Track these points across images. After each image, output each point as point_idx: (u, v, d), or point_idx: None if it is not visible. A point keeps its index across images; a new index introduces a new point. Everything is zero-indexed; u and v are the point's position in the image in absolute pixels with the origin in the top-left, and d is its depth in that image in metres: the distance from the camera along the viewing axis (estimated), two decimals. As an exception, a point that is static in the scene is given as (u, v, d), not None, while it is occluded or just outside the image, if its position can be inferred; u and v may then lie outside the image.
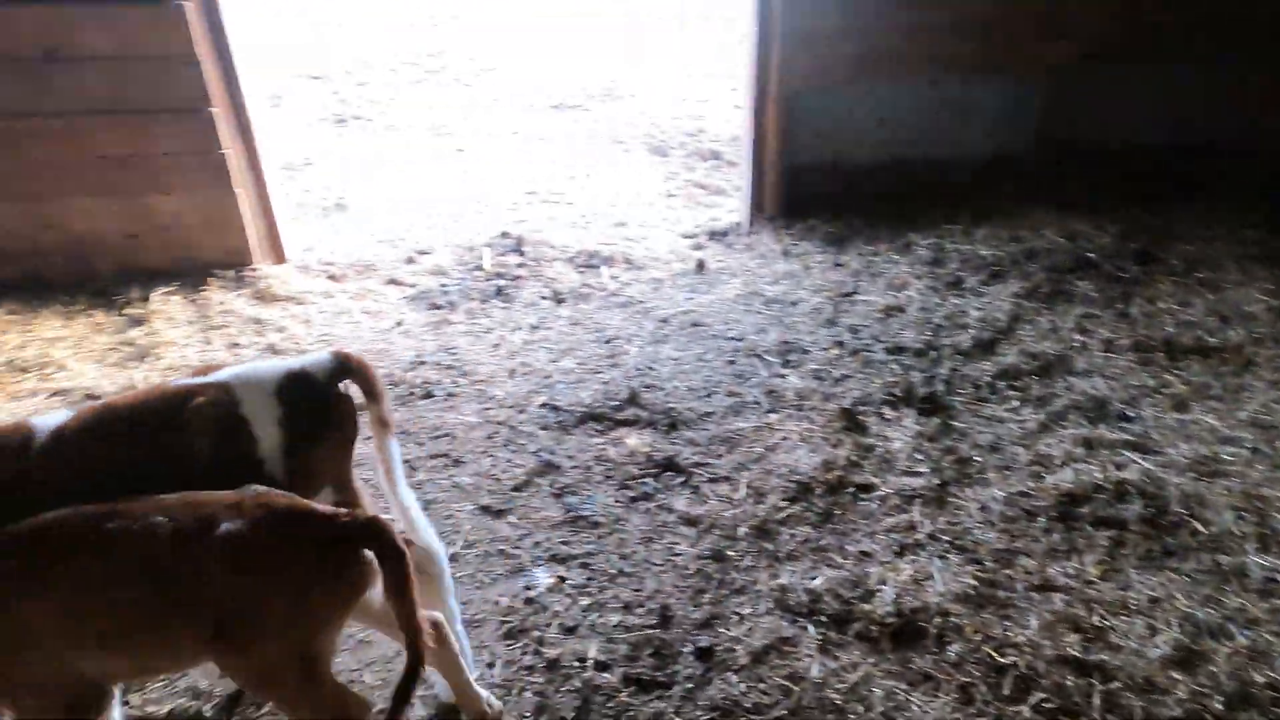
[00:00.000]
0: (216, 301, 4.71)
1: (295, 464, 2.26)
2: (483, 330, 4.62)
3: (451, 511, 3.40)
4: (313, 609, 1.97)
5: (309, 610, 1.97)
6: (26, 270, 4.82)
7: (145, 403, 2.21)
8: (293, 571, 1.94)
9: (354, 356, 2.46)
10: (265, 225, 5.05)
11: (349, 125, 7.67)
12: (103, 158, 4.66)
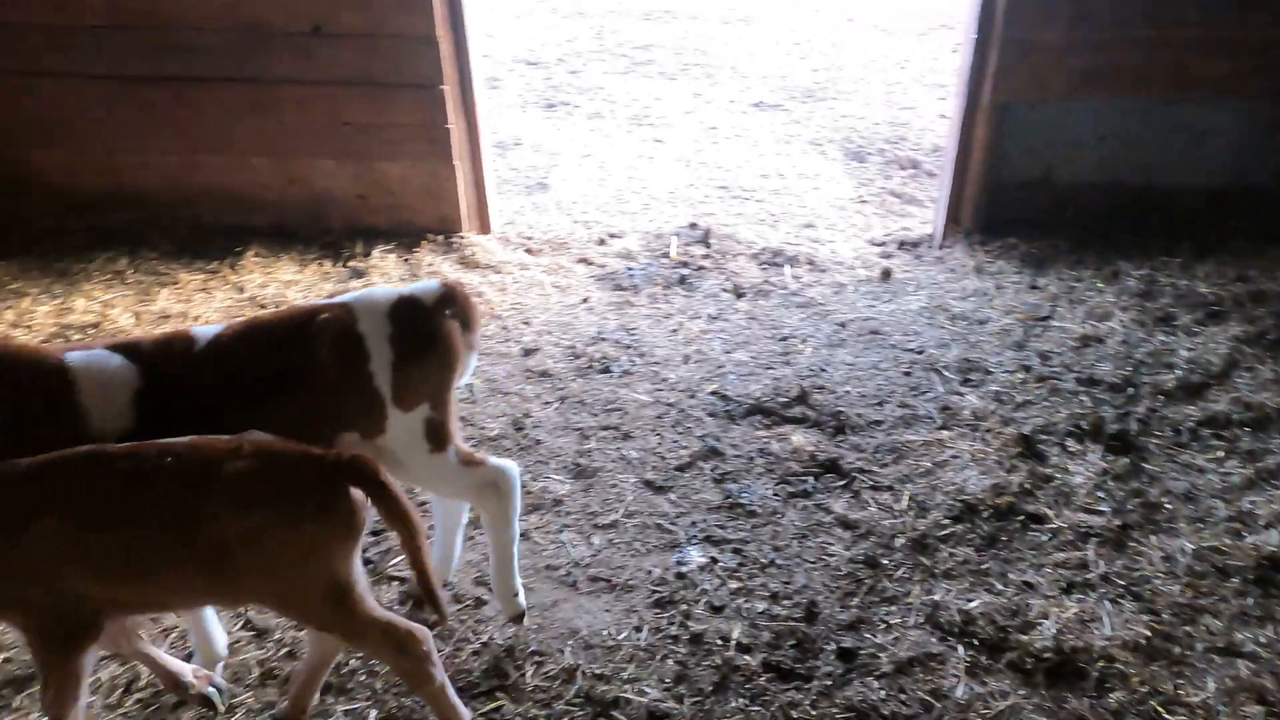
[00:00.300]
0: (426, 262, 5.14)
1: (399, 378, 2.51)
2: (663, 315, 4.78)
3: (617, 481, 3.57)
4: (315, 543, 2.11)
5: (312, 544, 2.11)
6: (273, 219, 5.46)
7: (284, 317, 2.54)
8: (291, 508, 2.07)
9: (458, 289, 2.70)
10: (475, 197, 5.44)
11: (557, 110, 8.07)
12: (346, 124, 5.18)
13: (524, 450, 3.75)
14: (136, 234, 5.34)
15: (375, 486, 2.12)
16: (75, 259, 5.12)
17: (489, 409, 4.01)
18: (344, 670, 2.76)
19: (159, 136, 5.26)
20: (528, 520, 3.37)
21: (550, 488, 3.53)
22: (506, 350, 4.45)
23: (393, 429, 2.54)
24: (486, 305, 4.79)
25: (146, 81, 5.10)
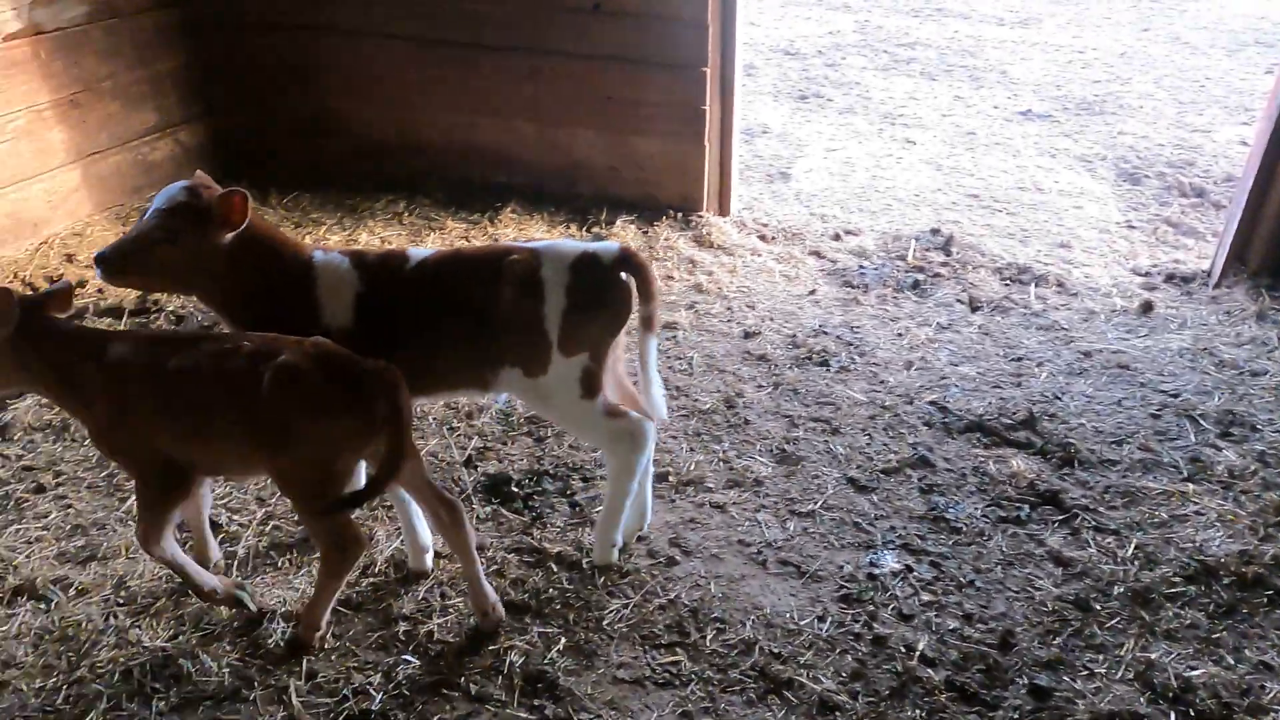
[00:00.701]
0: (663, 237, 5.34)
1: (567, 325, 2.67)
2: (890, 318, 4.67)
3: (820, 473, 3.57)
4: (332, 432, 2.46)
5: (329, 433, 2.46)
6: (532, 180, 5.88)
7: (481, 253, 2.82)
8: (323, 398, 2.42)
9: (637, 255, 2.77)
10: (719, 179, 5.57)
11: (809, 102, 8.02)
12: (609, 99, 5.47)
13: (732, 428, 3.84)
14: (415, 181, 5.94)
15: (393, 397, 2.42)
16: (363, 198, 5.80)
17: (704, 383, 4.13)
18: (542, 596, 2.99)
19: (444, 95, 5.82)
20: (726, 494, 3.47)
21: (753, 468, 3.59)
22: (728, 330, 4.55)
23: (553, 371, 2.73)
24: (714, 284, 4.91)
25: (441, 45, 5.65)
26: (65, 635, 2.83)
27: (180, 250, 2.62)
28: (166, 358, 2.54)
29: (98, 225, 5.35)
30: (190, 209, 2.62)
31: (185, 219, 2.61)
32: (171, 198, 2.64)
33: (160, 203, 2.65)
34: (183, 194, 2.64)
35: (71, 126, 5.21)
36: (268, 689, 2.67)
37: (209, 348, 2.53)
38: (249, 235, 2.69)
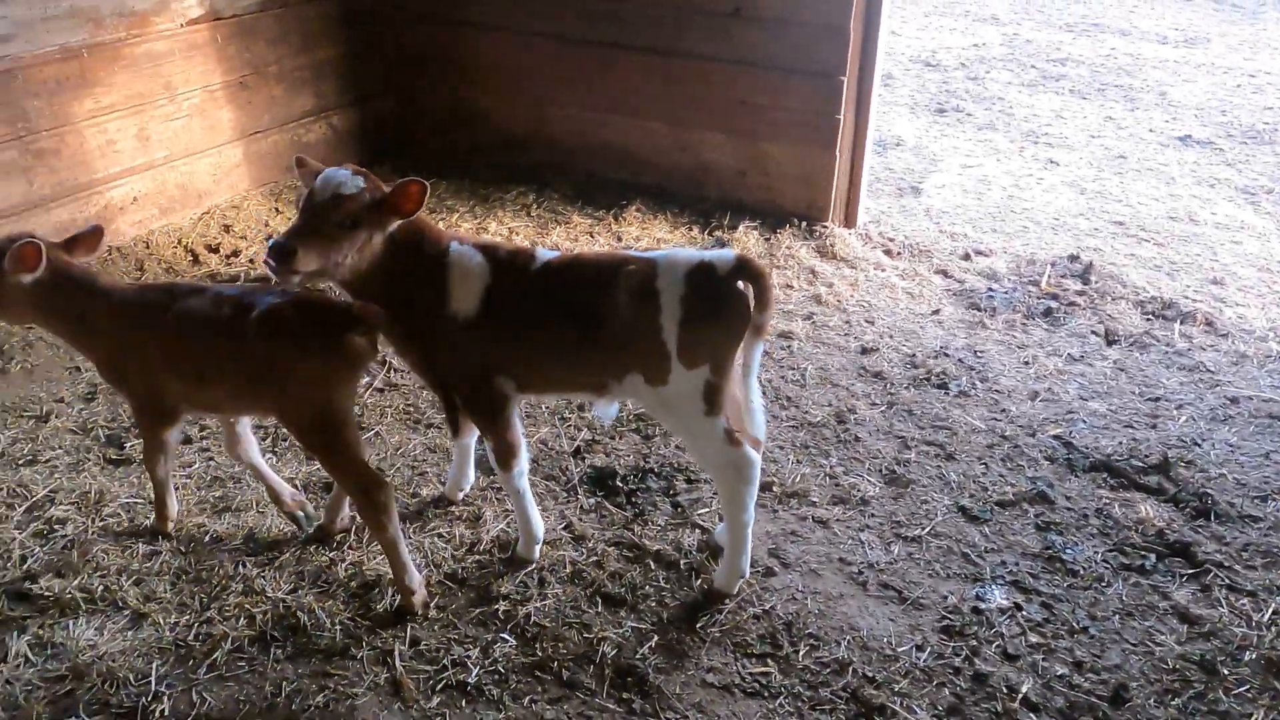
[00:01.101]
0: (784, 245, 5.29)
1: (685, 336, 2.66)
2: (1017, 345, 4.49)
3: (930, 498, 3.47)
4: (318, 371, 2.66)
5: (317, 372, 2.66)
6: (658, 180, 5.94)
7: (601, 259, 2.83)
8: (305, 340, 2.64)
9: (754, 262, 2.71)
10: (847, 190, 5.48)
11: (947, 116, 7.78)
12: (742, 103, 5.47)
13: (842, 443, 3.78)
14: (545, 175, 6.10)
15: (372, 334, 2.68)
16: (495, 188, 5.99)
17: (816, 396, 4.08)
18: (638, 591, 3.03)
19: (580, 92, 5.94)
20: (830, 510, 3.42)
21: (860, 486, 3.53)
22: (845, 344, 4.47)
23: (674, 382, 2.72)
24: (833, 297, 4.84)
25: (581, 44, 5.77)
26: (200, 578, 3.05)
27: (354, 236, 2.63)
28: (168, 305, 2.80)
29: (254, 199, 5.73)
30: (369, 196, 2.63)
31: (365, 206, 2.61)
32: (346, 183, 2.61)
33: (337, 188, 2.59)
34: (360, 180, 2.62)
35: (239, 107, 5.60)
36: (374, 650, 2.81)
37: (206, 297, 2.80)
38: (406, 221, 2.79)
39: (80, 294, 2.84)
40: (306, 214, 2.61)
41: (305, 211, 2.62)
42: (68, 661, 2.73)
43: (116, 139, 5.04)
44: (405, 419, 3.91)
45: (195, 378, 2.83)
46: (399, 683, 2.70)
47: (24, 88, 4.58)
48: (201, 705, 2.62)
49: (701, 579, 3.09)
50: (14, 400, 3.95)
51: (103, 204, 5.05)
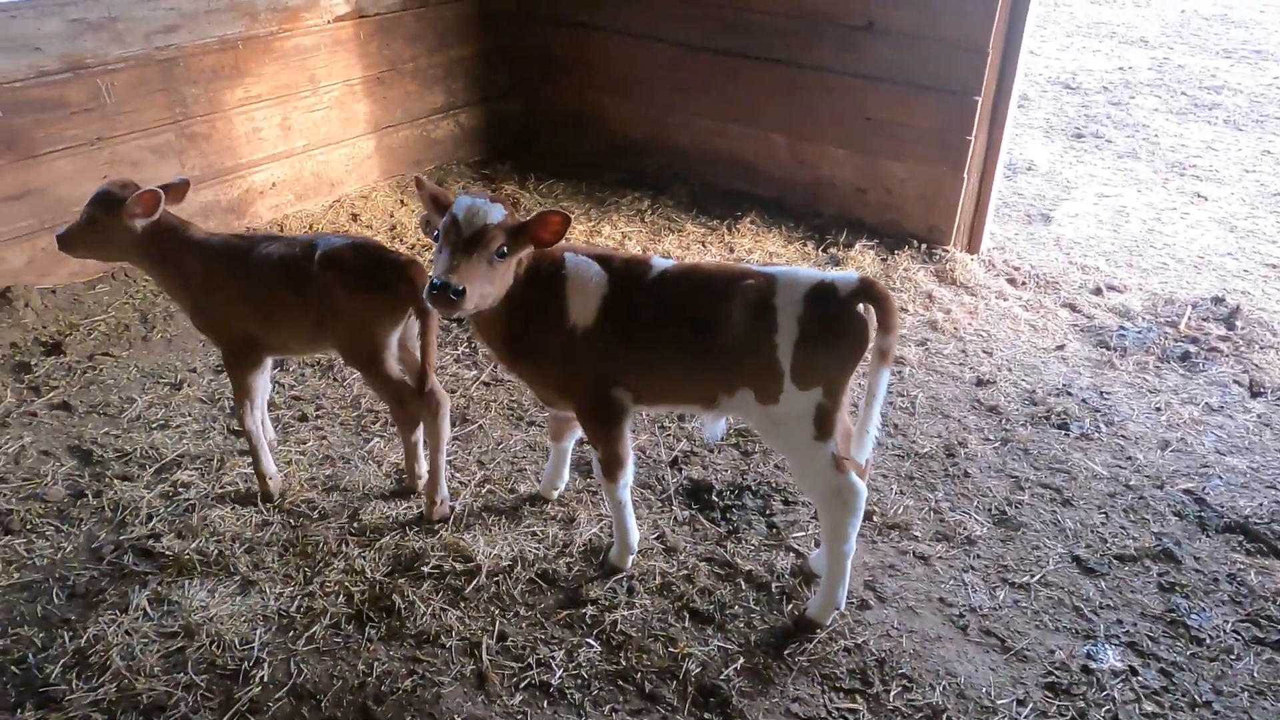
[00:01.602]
0: (902, 267, 5.13)
1: (799, 356, 2.59)
2: (1149, 389, 4.22)
3: (1042, 544, 3.29)
4: (368, 311, 3.02)
5: (366, 311, 3.02)
6: (775, 193, 5.86)
7: (719, 271, 2.79)
8: (358, 282, 2.98)
9: (878, 285, 2.60)
10: (973, 214, 5.27)
11: (1085, 141, 7.40)
12: (868, 119, 5.34)
13: (950, 478, 3.62)
14: (661, 182, 6.11)
15: (413, 283, 2.94)
16: (611, 192, 6.04)
17: (925, 426, 3.93)
18: (727, 610, 2.98)
19: (701, 100, 5.93)
20: (932, 546, 3.28)
21: (967, 524, 3.37)
22: (959, 374, 4.30)
23: (785, 402, 2.65)
24: (950, 324, 4.66)
25: (707, 52, 5.76)
26: (305, 552, 3.17)
27: (506, 266, 2.62)
28: (249, 251, 3.11)
29: (382, 190, 5.95)
30: (514, 226, 2.58)
31: (510, 234, 2.57)
32: (492, 212, 2.54)
33: (485, 219, 2.53)
34: (501, 208, 2.57)
35: (375, 101, 5.83)
36: (462, 640, 2.86)
37: (281, 243, 3.13)
38: None
39: (176, 240, 3.12)
40: (458, 248, 2.51)
41: (456, 245, 2.52)
42: (181, 620, 2.88)
43: (262, 127, 5.32)
44: (509, 415, 3.98)
45: (269, 318, 3.15)
46: (484, 676, 2.74)
47: (184, 75, 4.89)
48: (298, 675, 2.72)
49: (793, 605, 3.02)
50: (153, 366, 4.21)
51: (245, 187, 5.34)
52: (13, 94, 4.30)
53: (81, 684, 2.68)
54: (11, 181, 4.41)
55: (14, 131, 4.35)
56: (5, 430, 3.72)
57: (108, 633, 2.83)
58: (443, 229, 2.57)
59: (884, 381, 2.63)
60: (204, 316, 3.22)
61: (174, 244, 3.12)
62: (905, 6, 4.99)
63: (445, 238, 2.56)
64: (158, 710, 2.61)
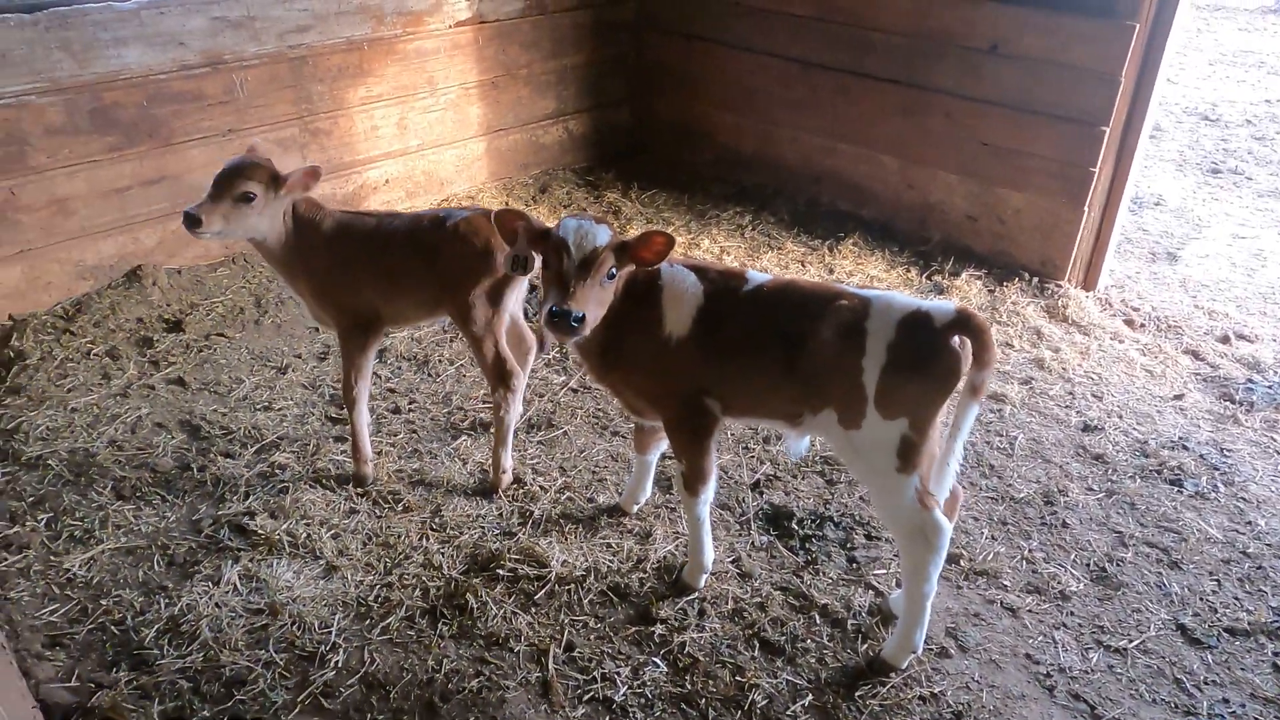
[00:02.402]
0: (1010, 300, 4.92)
1: (885, 383, 2.50)
2: (1276, 449, 3.91)
3: (1144, 607, 3.09)
4: (475, 275, 3.17)
5: (469, 278, 3.18)
6: (880, 216, 5.72)
7: (814, 290, 2.71)
8: (469, 248, 3.14)
9: (976, 317, 2.47)
10: (1091, 250, 5.01)
11: (1223, 177, 6.94)
12: (984, 145, 5.14)
13: (1046, 527, 3.44)
14: (765, 198, 6.04)
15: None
16: (713, 205, 6.01)
17: (1024, 469, 3.75)
18: (799, 644, 2.90)
19: (813, 118, 5.83)
20: (1022, 598, 3.12)
21: (1061, 578, 3.20)
22: (1064, 417, 4.08)
23: (868, 429, 2.56)
24: (1058, 363, 4.44)
25: (822, 69, 5.66)
26: (387, 543, 3.26)
27: (613, 286, 2.66)
28: (377, 225, 3.28)
29: (489, 191, 6.08)
30: (622, 247, 2.60)
31: (617, 254, 2.59)
32: (600, 234, 2.56)
33: (595, 241, 2.55)
34: (607, 228, 2.60)
35: (488, 105, 5.97)
36: (531, 646, 2.87)
37: (406, 217, 3.32)
38: None
39: (313, 216, 3.27)
40: (570, 273, 2.52)
41: (567, 270, 2.53)
42: (266, 598, 3.00)
43: (380, 125, 5.51)
44: (593, 423, 3.99)
45: (392, 288, 3.30)
46: (549, 685, 2.74)
47: (312, 73, 5.11)
48: (371, 664, 2.79)
49: (868, 644, 2.92)
50: (262, 349, 4.41)
51: (360, 182, 5.55)
52: (157, 86, 4.58)
53: (172, 650, 2.82)
54: (150, 167, 4.70)
55: (156, 121, 4.63)
56: (125, 400, 3.96)
57: (199, 603, 2.97)
58: (550, 253, 2.58)
59: (970, 417, 2.53)
60: (331, 292, 3.32)
61: (310, 220, 3.26)
62: (1033, 30, 4.79)
63: (554, 262, 2.57)
64: (238, 684, 2.72)
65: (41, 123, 4.29)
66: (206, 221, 3.03)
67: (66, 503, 3.38)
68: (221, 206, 3.06)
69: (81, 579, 3.07)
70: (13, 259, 4.39)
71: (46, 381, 4.04)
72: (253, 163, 3.12)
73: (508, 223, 2.71)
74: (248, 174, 3.08)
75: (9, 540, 3.19)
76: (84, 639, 2.86)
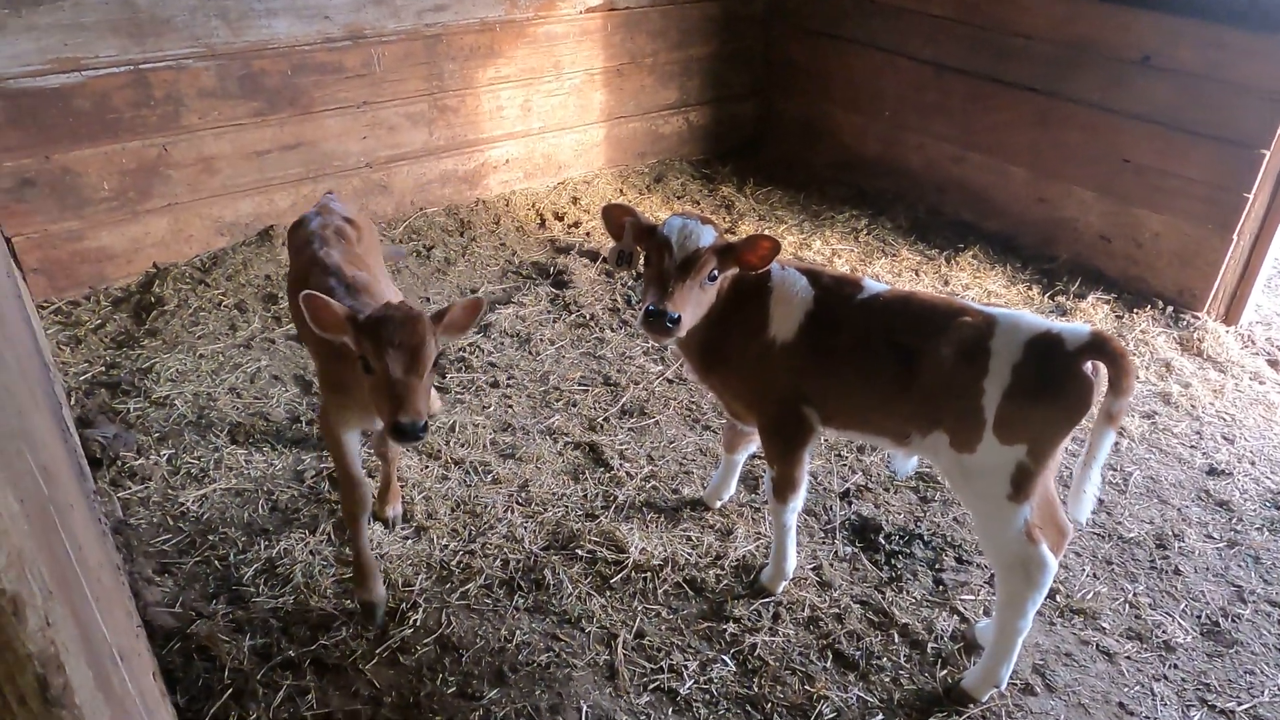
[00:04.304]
0: (1139, 328, 4.63)
1: (1006, 408, 2.36)
2: None
3: (1260, 670, 2.86)
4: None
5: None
6: (1004, 229, 5.47)
7: (934, 304, 2.57)
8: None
9: (1114, 342, 2.31)
10: (1236, 280, 4.66)
11: (1399, 215, 6.32)
12: (1126, 162, 4.85)
13: (1156, 571, 3.23)
14: (884, 203, 5.88)
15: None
16: (829, 207, 5.89)
17: (1136, 508, 3.52)
18: (873, 660, 2.82)
19: (943, 123, 5.63)
20: (1121, 643, 2.94)
21: (1167, 627, 2.99)
22: (1188, 458, 3.82)
23: (982, 453, 2.43)
24: (1187, 399, 4.15)
25: (957, 73, 5.45)
26: (474, 511, 3.34)
27: (716, 289, 2.65)
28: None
29: (604, 178, 6.14)
30: (728, 248, 2.58)
31: (721, 256, 2.58)
32: (704, 235, 2.55)
33: (697, 242, 2.54)
34: (712, 230, 2.58)
35: (611, 92, 6.02)
36: (602, 629, 2.89)
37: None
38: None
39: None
40: (671, 273, 2.52)
41: (668, 269, 2.53)
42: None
43: (505, 106, 5.64)
44: (685, 415, 3.98)
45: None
46: (616, 669, 2.76)
47: (445, 52, 5.27)
48: (447, 627, 2.87)
49: (947, 671, 2.81)
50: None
51: (481, 160, 5.69)
52: (301, 56, 4.82)
53: (267, 590, 2.98)
54: (289, 133, 4.95)
55: (297, 90, 4.88)
56: (248, 352, 4.20)
57: (295, 549, 3.12)
58: (653, 250, 2.59)
59: (1107, 443, 2.38)
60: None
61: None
62: (1192, 42, 4.48)
63: (656, 260, 2.57)
64: (323, 629, 2.84)
65: (196, 85, 4.58)
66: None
67: (187, 441, 3.61)
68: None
69: (193, 514, 3.27)
70: (161, 211, 4.71)
71: (180, 328, 4.32)
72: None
73: (615, 217, 2.72)
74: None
75: (134, 470, 3.44)
76: (190, 569, 3.05)
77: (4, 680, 0.76)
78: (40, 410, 1.86)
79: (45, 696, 0.81)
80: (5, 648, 0.76)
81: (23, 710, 0.77)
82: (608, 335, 4.46)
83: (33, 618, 0.78)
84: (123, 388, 3.89)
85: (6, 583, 0.74)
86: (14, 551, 0.78)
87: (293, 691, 2.64)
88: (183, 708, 2.55)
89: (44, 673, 0.80)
